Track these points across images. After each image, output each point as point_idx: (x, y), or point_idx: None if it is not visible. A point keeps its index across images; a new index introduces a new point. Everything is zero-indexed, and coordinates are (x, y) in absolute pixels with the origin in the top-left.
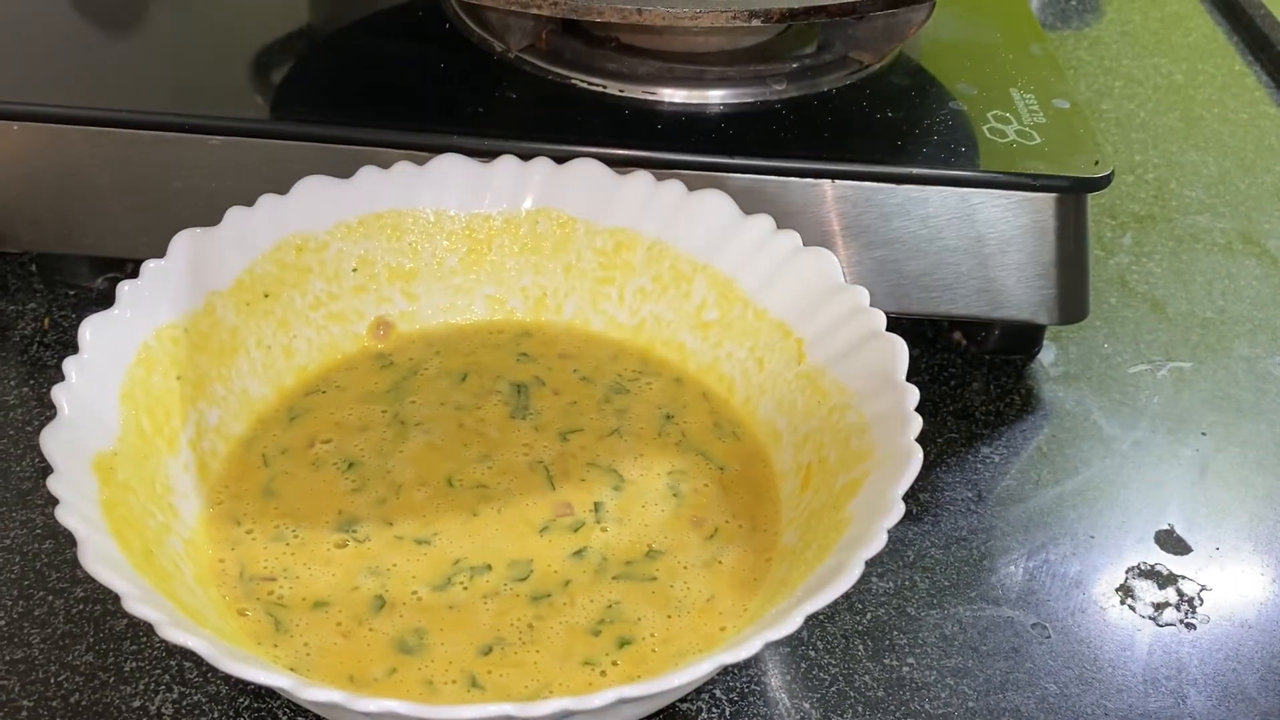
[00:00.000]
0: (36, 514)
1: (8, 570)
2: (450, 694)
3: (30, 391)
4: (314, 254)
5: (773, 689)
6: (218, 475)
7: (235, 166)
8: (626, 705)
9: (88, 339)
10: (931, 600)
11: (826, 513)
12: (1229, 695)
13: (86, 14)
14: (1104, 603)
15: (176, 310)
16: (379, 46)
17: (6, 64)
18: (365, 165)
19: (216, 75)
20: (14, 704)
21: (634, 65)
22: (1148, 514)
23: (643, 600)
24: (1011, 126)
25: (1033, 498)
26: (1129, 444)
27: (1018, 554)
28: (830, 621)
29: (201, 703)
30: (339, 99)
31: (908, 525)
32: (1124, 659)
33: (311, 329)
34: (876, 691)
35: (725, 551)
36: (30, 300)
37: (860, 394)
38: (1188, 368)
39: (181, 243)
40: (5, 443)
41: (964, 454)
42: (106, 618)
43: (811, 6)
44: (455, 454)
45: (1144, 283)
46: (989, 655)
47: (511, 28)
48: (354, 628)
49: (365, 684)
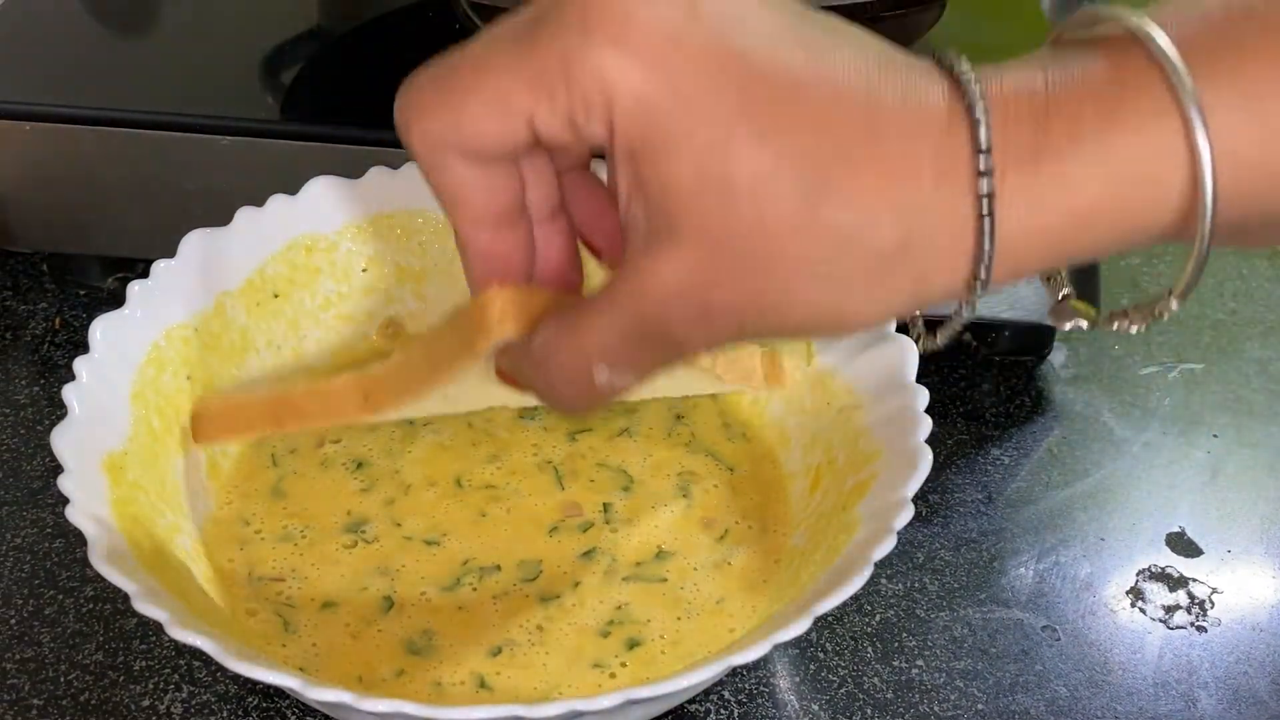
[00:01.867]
0: (47, 513)
1: (18, 569)
2: (459, 695)
3: (41, 391)
4: (324, 254)
5: (782, 690)
6: (227, 475)
7: (246, 167)
8: (635, 706)
9: (98, 339)
10: (941, 602)
11: (836, 514)
12: (1240, 699)
13: (98, 15)
14: (1114, 605)
15: (187, 310)
16: (390, 47)
17: (18, 65)
18: (375, 166)
19: (227, 76)
20: (24, 702)
21: None
22: (1158, 516)
23: (652, 601)
24: None
25: (1043, 500)
26: (1140, 446)
27: (1028, 556)
28: (839, 623)
29: (210, 702)
30: (349, 100)
31: (917, 527)
32: (1134, 662)
33: (321, 329)
34: (886, 693)
35: (735, 553)
36: (41, 300)
37: (870, 395)
38: (1199, 369)
39: (192, 243)
40: (16, 442)
41: (974, 455)
42: (116, 617)
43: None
44: (464, 454)
45: (1155, 284)
46: (999, 657)
47: None
48: (362, 628)
49: (374, 685)
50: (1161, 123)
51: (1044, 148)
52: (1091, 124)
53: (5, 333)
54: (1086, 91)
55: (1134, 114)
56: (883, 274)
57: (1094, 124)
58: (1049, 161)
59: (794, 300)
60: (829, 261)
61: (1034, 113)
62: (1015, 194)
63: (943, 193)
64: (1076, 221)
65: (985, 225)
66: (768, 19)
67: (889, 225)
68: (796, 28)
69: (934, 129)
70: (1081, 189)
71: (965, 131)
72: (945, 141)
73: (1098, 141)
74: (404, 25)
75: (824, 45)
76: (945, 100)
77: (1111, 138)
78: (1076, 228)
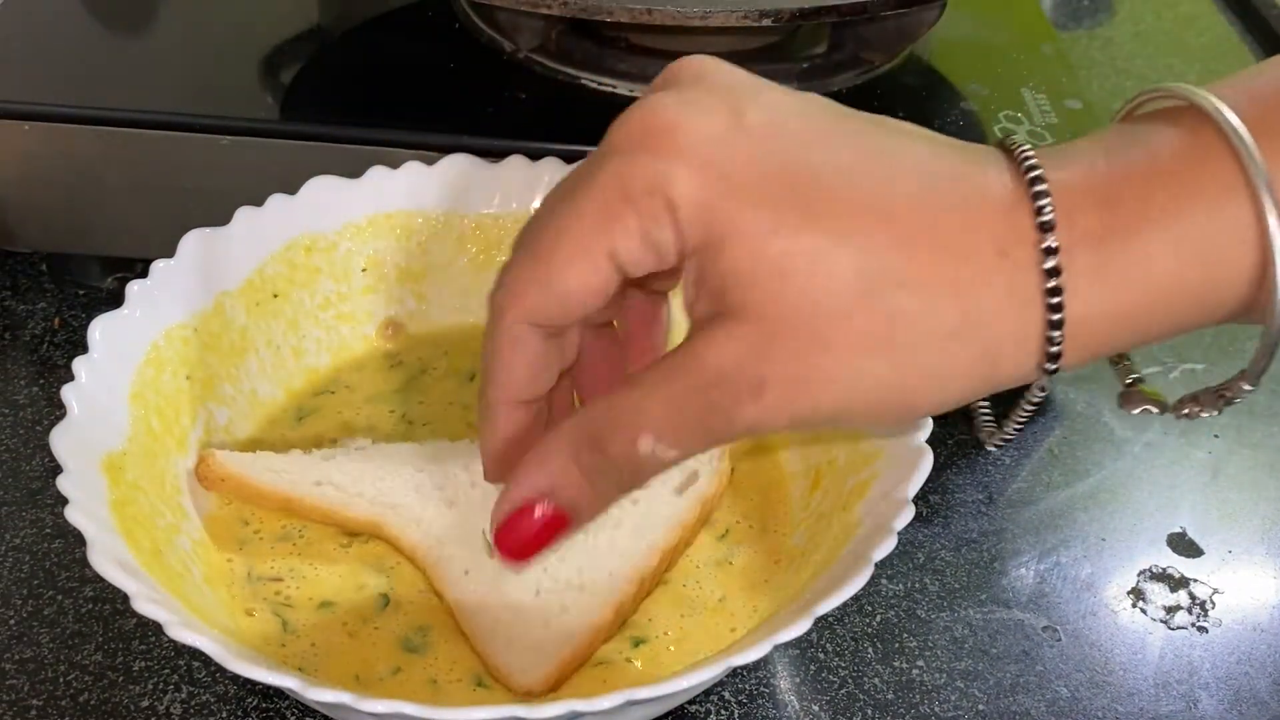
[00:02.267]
0: (46, 513)
1: (17, 569)
2: (455, 693)
3: (40, 391)
4: (323, 254)
5: (782, 691)
6: None
7: (245, 166)
8: (635, 707)
9: (97, 339)
10: (942, 603)
11: (836, 514)
12: (1241, 699)
13: (97, 14)
14: (1115, 606)
15: (186, 310)
16: (389, 47)
17: (18, 64)
18: (375, 165)
19: (226, 75)
20: (23, 703)
21: (644, 65)
22: (1159, 516)
23: (655, 599)
24: (1023, 127)
25: (1044, 500)
26: (1141, 446)
27: (1028, 556)
28: (840, 624)
29: (210, 702)
30: (348, 99)
31: (918, 527)
32: (1135, 662)
33: (321, 329)
34: (886, 694)
35: (736, 552)
36: (40, 300)
37: None
38: (1200, 369)
39: (191, 243)
40: (15, 442)
41: (974, 456)
42: (115, 617)
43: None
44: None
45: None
46: (999, 658)
47: (521, 27)
48: (359, 626)
49: (370, 684)
50: (1233, 200)
51: (1113, 226)
52: (1162, 202)
53: (4, 333)
54: (1154, 168)
55: (1205, 192)
56: (946, 353)
57: (1164, 202)
58: (1119, 239)
59: (855, 377)
60: (888, 340)
61: (1102, 190)
62: (1083, 273)
63: (1005, 271)
64: (1148, 301)
65: (1053, 304)
66: (812, 121)
67: (948, 303)
68: (841, 126)
69: (994, 208)
70: (1153, 268)
71: (1028, 210)
72: (1007, 220)
73: (1169, 220)
74: (404, 25)
75: (872, 135)
76: (1007, 180)
77: (1183, 216)
78: (1148, 308)
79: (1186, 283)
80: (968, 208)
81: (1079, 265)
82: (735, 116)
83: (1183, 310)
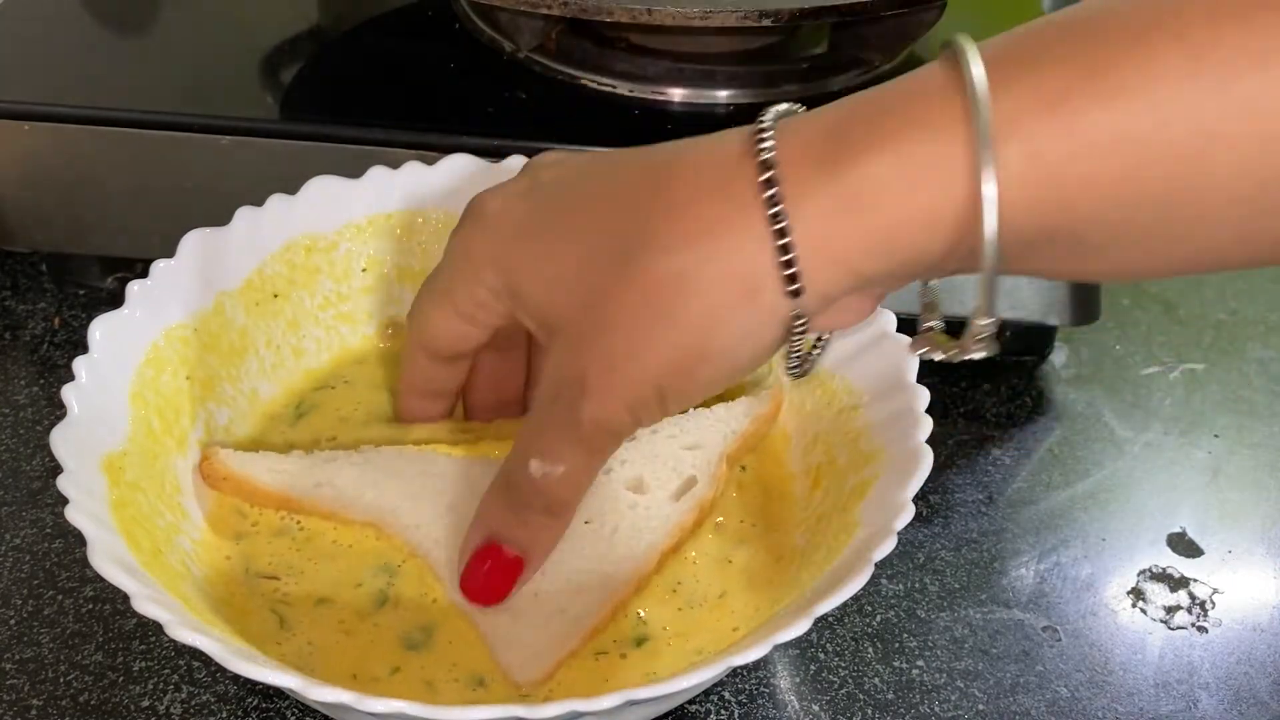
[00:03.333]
0: (46, 513)
1: (17, 569)
2: (454, 692)
3: (40, 391)
4: (323, 254)
5: (782, 691)
6: None
7: (245, 166)
8: (635, 707)
9: (97, 339)
10: (942, 603)
11: (836, 514)
12: (1241, 699)
13: (97, 14)
14: (1115, 606)
15: (186, 310)
16: (389, 47)
17: (17, 64)
18: (375, 165)
19: (226, 76)
20: (23, 703)
21: (643, 65)
22: (1159, 516)
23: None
24: None
25: (1044, 500)
26: (1141, 446)
27: (1028, 556)
28: (840, 623)
29: (210, 702)
30: (348, 99)
31: (918, 527)
32: (1135, 662)
33: (321, 329)
34: (886, 694)
35: (737, 551)
36: (40, 300)
37: (870, 395)
38: (1200, 370)
39: (191, 242)
40: (15, 442)
41: (975, 456)
42: (116, 617)
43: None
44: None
45: (1156, 284)
46: (999, 658)
47: (521, 28)
48: (357, 624)
49: (367, 682)
50: (952, 128)
51: (838, 153)
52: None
53: (4, 333)
54: (892, 103)
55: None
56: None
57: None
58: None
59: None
60: (657, 304)
61: (835, 125)
62: (809, 195)
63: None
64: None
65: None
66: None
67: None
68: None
69: (723, 161)
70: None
71: (753, 152)
72: (738, 167)
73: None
74: (404, 25)
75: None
76: (742, 137)
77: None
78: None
79: (916, 209)
80: (698, 168)
81: (803, 189)
82: (531, 184)
83: (922, 240)
